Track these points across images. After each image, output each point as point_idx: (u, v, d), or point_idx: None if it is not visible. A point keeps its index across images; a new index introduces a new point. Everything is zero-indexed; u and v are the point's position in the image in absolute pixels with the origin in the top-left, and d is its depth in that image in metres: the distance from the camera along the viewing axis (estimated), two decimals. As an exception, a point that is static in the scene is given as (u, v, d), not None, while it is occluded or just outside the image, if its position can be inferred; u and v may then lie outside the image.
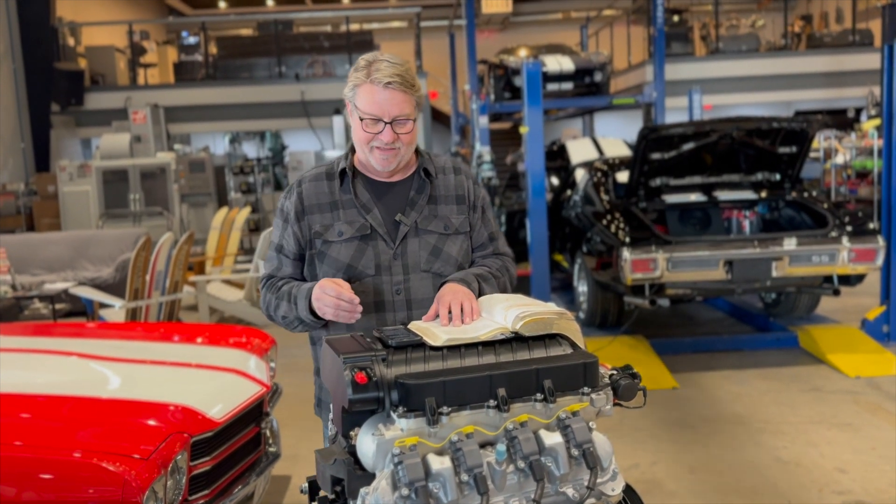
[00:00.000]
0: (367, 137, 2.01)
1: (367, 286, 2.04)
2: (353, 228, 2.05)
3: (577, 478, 1.63)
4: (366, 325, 2.00)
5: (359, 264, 2.04)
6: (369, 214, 2.07)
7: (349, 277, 2.03)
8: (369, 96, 1.97)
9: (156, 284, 6.26)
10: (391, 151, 2.02)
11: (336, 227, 2.06)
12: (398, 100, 1.97)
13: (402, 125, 1.99)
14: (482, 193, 2.23)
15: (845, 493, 3.67)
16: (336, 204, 2.09)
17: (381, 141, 2.00)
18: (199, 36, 16.66)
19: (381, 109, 1.97)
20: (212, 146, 16.86)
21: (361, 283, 2.04)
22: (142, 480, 2.30)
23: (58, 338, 3.70)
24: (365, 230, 2.05)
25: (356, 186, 2.10)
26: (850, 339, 6.03)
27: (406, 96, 1.98)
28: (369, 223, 2.06)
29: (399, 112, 1.98)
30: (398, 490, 1.50)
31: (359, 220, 2.06)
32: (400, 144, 2.01)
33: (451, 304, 1.88)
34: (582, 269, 6.71)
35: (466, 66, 13.21)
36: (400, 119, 1.98)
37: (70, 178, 11.47)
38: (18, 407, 2.69)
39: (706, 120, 6.30)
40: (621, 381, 1.74)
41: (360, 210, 2.07)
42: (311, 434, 4.56)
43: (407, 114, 1.99)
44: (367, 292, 2.03)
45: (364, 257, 2.05)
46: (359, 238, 2.05)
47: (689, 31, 16.58)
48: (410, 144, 2.05)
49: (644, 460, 4.13)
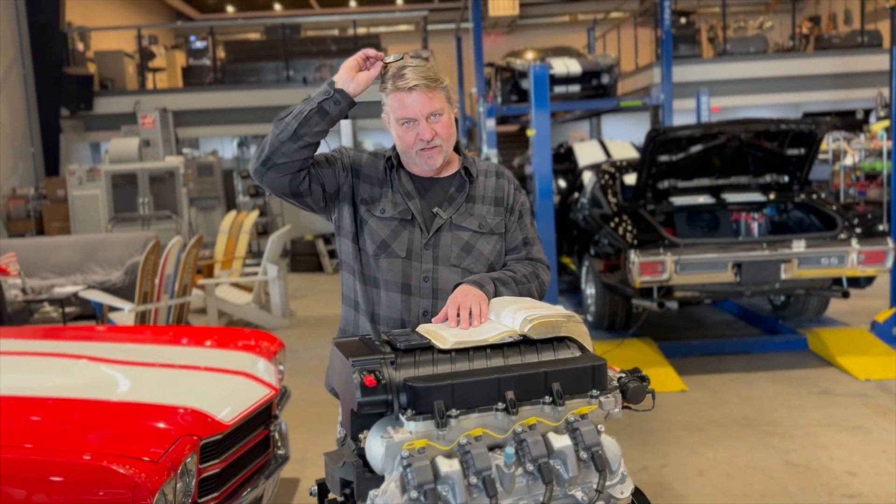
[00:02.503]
0: (410, 141, 2.09)
1: (396, 266, 2.11)
2: (396, 210, 2.14)
3: (586, 481, 1.63)
4: (391, 302, 2.10)
5: (393, 244, 2.12)
6: (411, 202, 2.15)
7: (381, 253, 2.12)
8: (399, 101, 2.07)
9: (165, 288, 6.28)
10: (434, 149, 2.10)
11: (381, 204, 2.14)
12: (426, 99, 2.06)
13: (437, 121, 2.08)
14: (522, 199, 2.27)
15: (855, 496, 3.65)
16: (385, 182, 2.17)
17: (423, 141, 2.07)
18: (208, 40, 16.73)
19: (413, 112, 2.06)
20: (220, 150, 16.90)
21: (391, 261, 2.11)
22: (152, 483, 2.31)
23: (68, 341, 3.72)
24: (406, 215, 2.13)
25: (401, 176, 2.19)
26: (859, 341, 6.01)
27: (433, 93, 2.06)
28: (410, 209, 2.14)
29: (430, 109, 2.06)
30: (407, 493, 1.50)
31: (402, 204, 2.15)
32: (440, 141, 2.09)
33: (460, 306, 1.91)
34: (590, 272, 6.70)
35: (473, 68, 13.23)
36: (434, 114, 2.07)
37: (79, 182, 11.53)
38: (29, 410, 2.71)
39: (714, 122, 6.28)
40: (630, 384, 1.75)
41: (404, 196, 2.15)
42: (319, 437, 4.57)
43: (438, 109, 2.08)
44: (395, 272, 2.11)
45: (398, 239, 2.12)
46: (398, 220, 2.13)
47: (696, 33, 16.55)
48: (450, 138, 2.12)
49: (653, 463, 4.12)
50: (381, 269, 2.11)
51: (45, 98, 13.74)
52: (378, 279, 2.12)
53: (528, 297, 2.10)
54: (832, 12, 18.28)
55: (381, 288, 2.12)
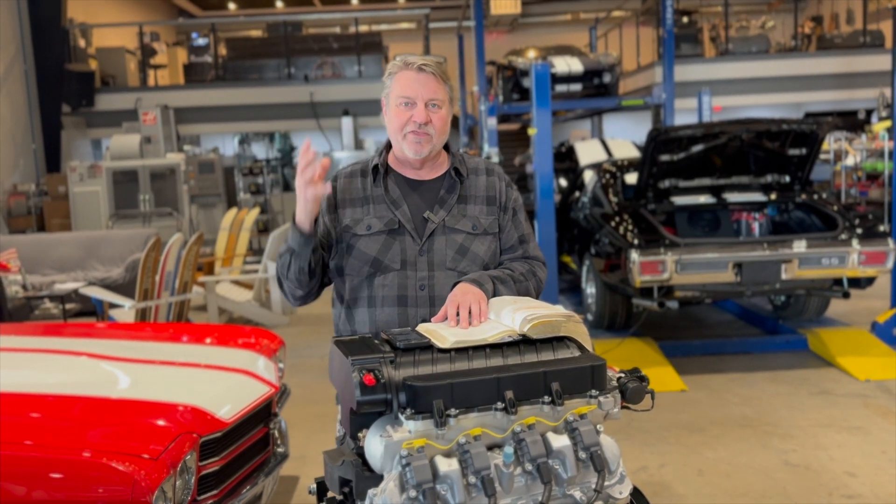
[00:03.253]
0: (401, 122, 2.07)
1: (392, 280, 2.08)
2: (382, 223, 2.10)
3: (585, 480, 1.63)
4: (388, 318, 2.06)
5: (385, 258, 2.08)
6: (398, 210, 2.11)
7: (375, 271, 2.08)
8: (405, 81, 2.07)
9: (165, 285, 6.28)
10: (424, 136, 2.07)
11: (365, 222, 2.11)
12: (432, 84, 2.06)
13: (434, 111, 2.06)
14: (514, 195, 2.25)
15: (854, 496, 3.65)
16: (367, 199, 2.14)
17: (415, 123, 2.05)
18: (209, 37, 16.73)
19: (414, 91, 2.05)
20: (221, 147, 16.92)
21: (385, 276, 2.07)
22: (151, 480, 2.31)
23: (68, 338, 3.72)
24: (393, 225, 2.10)
25: (388, 182, 2.15)
26: (859, 341, 6.00)
27: (439, 84, 2.07)
28: (397, 218, 2.10)
29: (432, 95, 2.06)
30: (406, 492, 1.50)
31: (388, 215, 2.11)
32: (432, 130, 2.07)
33: (459, 305, 1.90)
34: (590, 271, 6.70)
35: (475, 67, 13.23)
36: (433, 102, 2.06)
37: (80, 178, 11.54)
38: (29, 406, 2.71)
39: (716, 122, 6.28)
40: (629, 384, 1.75)
41: (389, 205, 2.12)
42: (319, 435, 4.58)
43: (439, 99, 2.07)
44: (390, 286, 2.07)
45: (390, 252, 2.08)
46: (386, 232, 2.09)
47: (698, 33, 16.54)
48: (442, 133, 2.10)
49: (652, 463, 4.12)
50: (375, 287, 2.07)
51: (46, 94, 13.75)
52: (374, 298, 2.07)
53: (526, 295, 2.10)
54: (834, 12, 18.26)
55: (377, 306, 2.08)
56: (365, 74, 15.32)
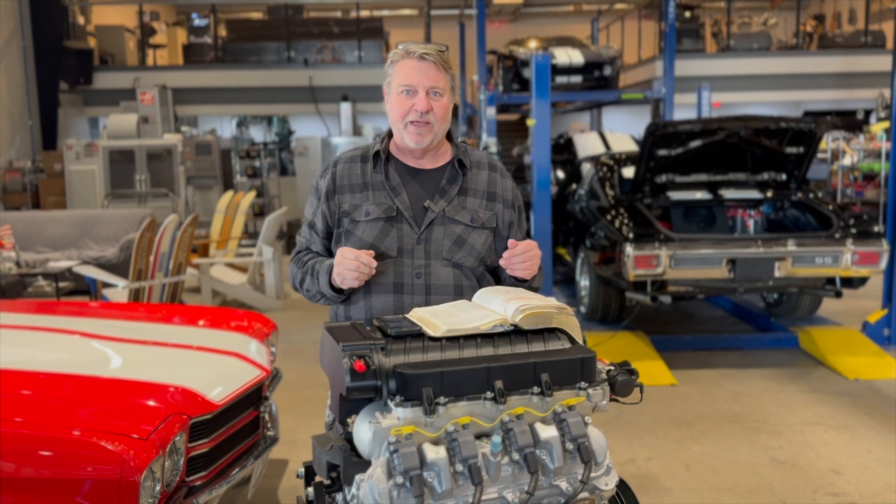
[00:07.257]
0: (403, 111, 2.07)
1: (388, 267, 2.08)
2: (380, 210, 2.10)
3: (572, 471, 1.64)
4: (384, 304, 2.07)
5: (382, 245, 2.09)
6: (398, 197, 2.12)
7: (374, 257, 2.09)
8: (406, 69, 2.07)
9: (159, 266, 6.28)
10: (425, 126, 2.07)
11: (364, 208, 2.11)
12: (433, 73, 2.06)
13: (436, 98, 2.06)
14: (518, 192, 2.27)
15: (840, 494, 3.68)
16: (367, 185, 2.14)
17: (416, 112, 2.05)
18: (209, 18, 16.65)
19: (416, 80, 2.05)
20: (219, 129, 16.84)
21: (383, 263, 2.08)
22: (140, 460, 2.32)
23: (60, 316, 3.71)
24: (391, 212, 2.10)
25: (388, 169, 2.16)
26: (850, 341, 6.03)
27: (441, 73, 2.07)
28: (396, 205, 2.11)
29: (434, 83, 2.06)
30: (393, 478, 1.51)
31: (386, 202, 2.11)
32: (433, 118, 2.07)
33: (530, 253, 2.02)
34: (585, 264, 6.71)
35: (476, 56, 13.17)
36: (434, 90, 2.06)
37: (77, 156, 11.48)
38: (19, 384, 2.71)
39: (714, 118, 6.28)
40: (618, 377, 1.75)
41: (389, 192, 2.12)
42: (309, 419, 4.59)
43: (440, 88, 2.07)
44: (387, 273, 2.08)
45: (388, 239, 2.09)
46: (384, 219, 2.10)
47: (700, 28, 16.51)
48: (443, 121, 2.10)
49: (640, 456, 4.14)
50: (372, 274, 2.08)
51: (44, 71, 13.67)
52: (370, 284, 2.07)
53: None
54: (837, 11, 18.24)
55: (372, 293, 2.08)
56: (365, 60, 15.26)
